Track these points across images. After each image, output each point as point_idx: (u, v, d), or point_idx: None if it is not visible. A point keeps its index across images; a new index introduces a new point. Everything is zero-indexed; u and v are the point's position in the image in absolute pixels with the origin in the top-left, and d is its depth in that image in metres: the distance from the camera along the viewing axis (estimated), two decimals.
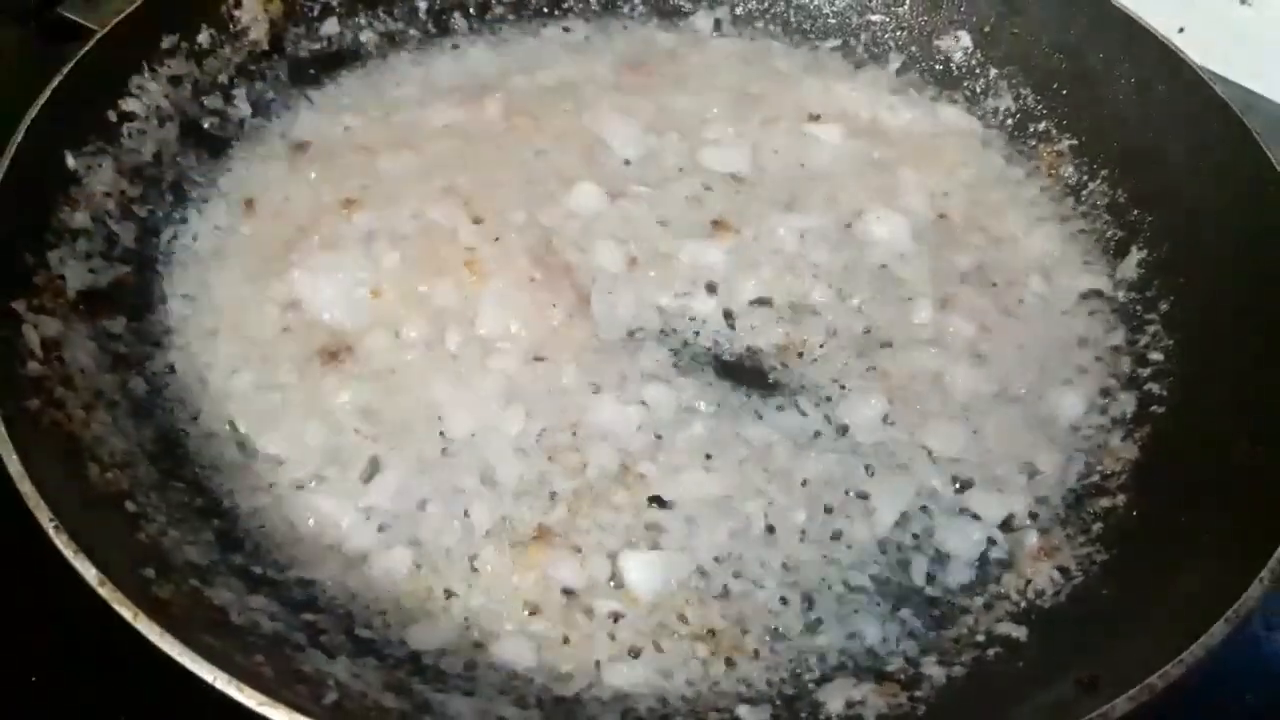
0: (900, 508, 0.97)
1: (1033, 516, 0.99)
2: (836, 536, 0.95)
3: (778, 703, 0.85)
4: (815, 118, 1.32)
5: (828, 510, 0.97)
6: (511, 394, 1.02)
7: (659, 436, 1.00)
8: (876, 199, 1.22)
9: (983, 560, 0.96)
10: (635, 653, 0.88)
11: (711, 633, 0.89)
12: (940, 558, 0.96)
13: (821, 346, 1.09)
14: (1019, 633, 0.89)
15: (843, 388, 1.06)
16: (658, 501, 0.96)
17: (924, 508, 0.98)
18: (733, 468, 0.98)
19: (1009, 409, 1.06)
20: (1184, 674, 0.73)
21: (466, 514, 0.94)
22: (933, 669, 0.87)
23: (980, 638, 0.90)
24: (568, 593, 0.91)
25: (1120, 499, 0.99)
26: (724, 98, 1.34)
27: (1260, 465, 0.90)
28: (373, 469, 0.97)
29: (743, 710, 0.84)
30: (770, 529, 0.95)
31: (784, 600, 0.91)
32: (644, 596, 0.90)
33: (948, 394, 1.06)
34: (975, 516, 0.98)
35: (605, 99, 1.30)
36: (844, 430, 1.03)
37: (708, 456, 0.99)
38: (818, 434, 1.02)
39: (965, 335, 1.11)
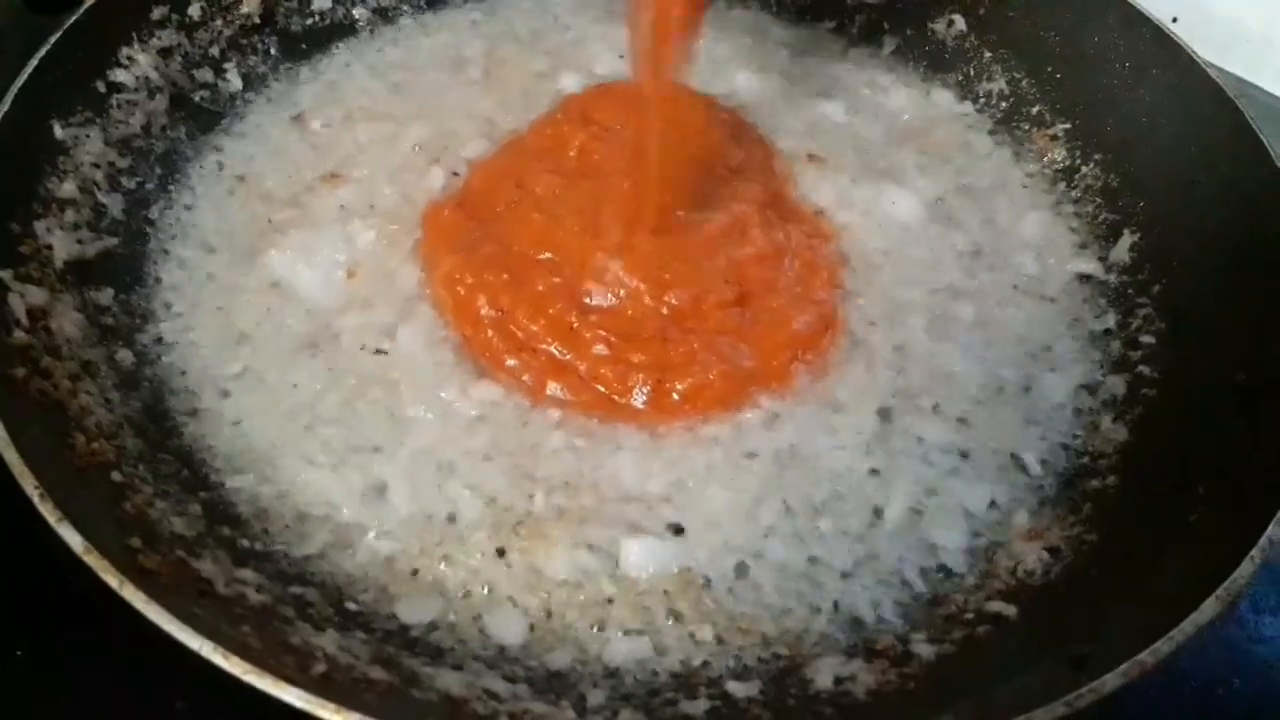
0: (895, 494, 0.96)
1: (1022, 498, 0.99)
2: (830, 519, 0.94)
3: (767, 678, 0.85)
4: None
5: (824, 494, 0.96)
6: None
7: None
8: (866, 183, 1.22)
9: (973, 541, 0.95)
10: (627, 629, 0.87)
11: (704, 611, 0.89)
12: (931, 539, 0.95)
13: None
14: (1009, 611, 0.89)
15: (838, 369, 1.05)
16: (655, 485, 0.95)
17: (916, 491, 0.97)
18: (731, 455, 0.98)
19: (999, 392, 1.06)
20: (1174, 652, 0.73)
21: (458, 496, 0.93)
22: (922, 646, 0.87)
23: (970, 616, 0.90)
24: (563, 571, 0.90)
25: (1110, 480, 0.98)
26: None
27: (1250, 446, 0.89)
28: (362, 451, 0.96)
29: (732, 685, 0.84)
30: (766, 512, 0.94)
31: (778, 580, 0.91)
32: (640, 578, 0.90)
33: (938, 379, 1.05)
34: (966, 499, 0.97)
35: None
36: (840, 415, 1.02)
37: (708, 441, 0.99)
38: (817, 418, 1.01)
39: (957, 319, 1.11)
